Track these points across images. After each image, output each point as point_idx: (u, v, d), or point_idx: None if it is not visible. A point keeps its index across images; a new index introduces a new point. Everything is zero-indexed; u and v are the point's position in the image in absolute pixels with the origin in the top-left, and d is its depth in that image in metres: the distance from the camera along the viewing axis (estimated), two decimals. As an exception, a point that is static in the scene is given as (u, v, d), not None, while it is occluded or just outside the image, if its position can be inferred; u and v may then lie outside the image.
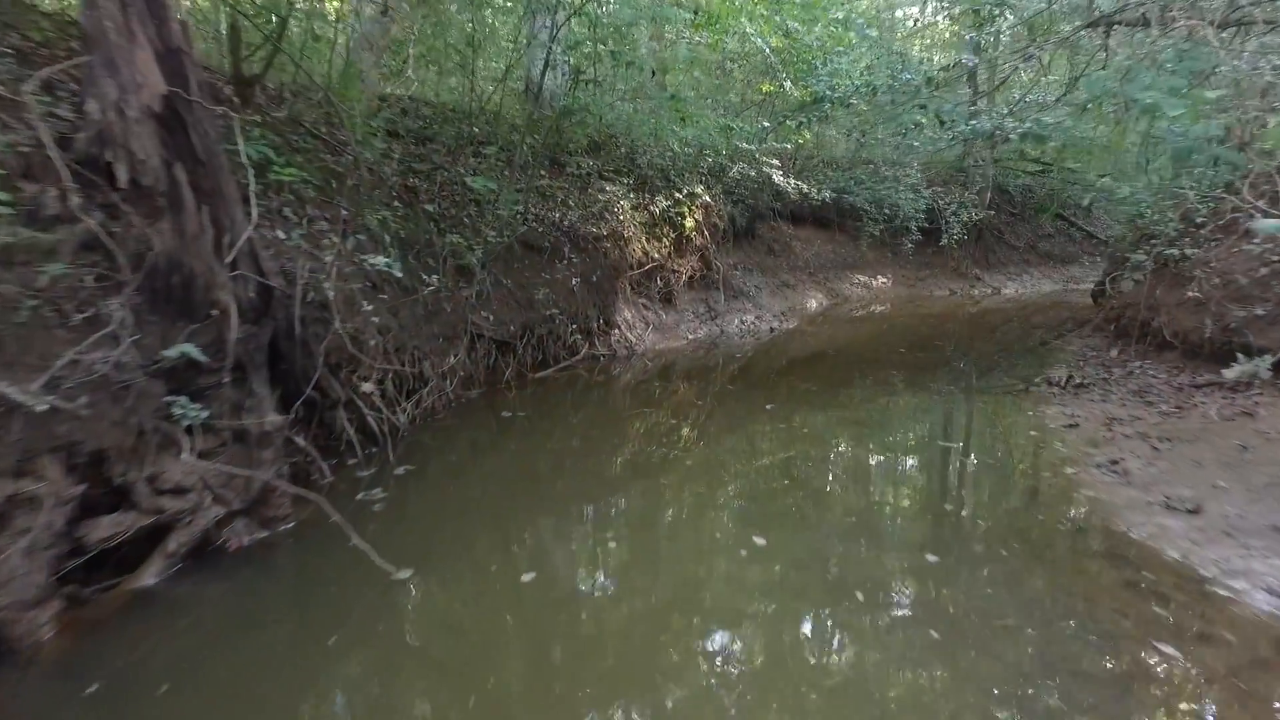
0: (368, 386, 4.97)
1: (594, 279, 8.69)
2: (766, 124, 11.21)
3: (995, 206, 17.17)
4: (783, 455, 5.98)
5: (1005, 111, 8.51)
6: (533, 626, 3.32)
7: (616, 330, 9.09)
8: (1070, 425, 5.91)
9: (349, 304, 4.99)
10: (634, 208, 10.30)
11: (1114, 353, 8.87)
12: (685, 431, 6.82)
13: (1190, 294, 8.00)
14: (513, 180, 7.52)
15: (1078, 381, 7.21)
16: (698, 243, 11.06)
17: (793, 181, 12.30)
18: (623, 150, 10.74)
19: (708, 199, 11.54)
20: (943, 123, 8.47)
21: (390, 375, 5.39)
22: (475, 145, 8.19)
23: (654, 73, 10.21)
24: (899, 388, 8.41)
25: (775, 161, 12.36)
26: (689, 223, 10.90)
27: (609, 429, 6.78)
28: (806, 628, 3.37)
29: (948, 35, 20.32)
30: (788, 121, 10.64)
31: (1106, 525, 4.16)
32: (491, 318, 6.91)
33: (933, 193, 14.85)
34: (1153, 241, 9.10)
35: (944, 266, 17.67)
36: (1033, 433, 5.82)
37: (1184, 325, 7.92)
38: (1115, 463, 4.96)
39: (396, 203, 6.70)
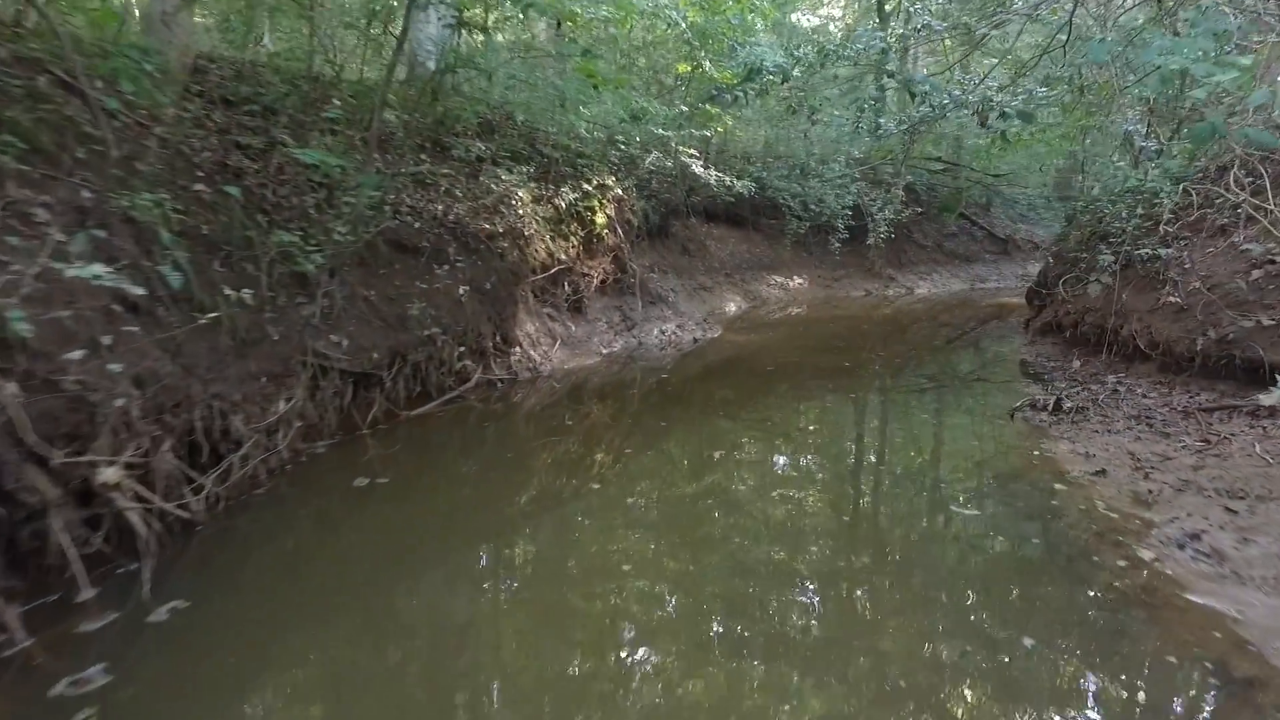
0: (110, 474, 3.00)
1: (488, 287, 6.84)
2: (685, 108, 9.62)
3: (907, 205, 16.32)
4: (709, 493, 4.40)
5: (989, 85, 7.29)
6: None
7: (517, 349, 7.26)
8: (1096, 472, 4.58)
9: (66, 339, 2.99)
10: (535, 200, 8.49)
11: (1076, 364, 7.79)
12: (598, 463, 5.18)
13: (1169, 298, 6.96)
14: (371, 160, 5.56)
15: (1069, 406, 5.95)
16: (610, 242, 9.36)
17: (714, 172, 10.75)
18: (518, 132, 8.88)
19: (620, 192, 9.86)
20: (913, 95, 7.15)
21: (164, 444, 3.40)
22: (322, 116, 6.17)
23: (559, 24, 8.41)
24: (852, 404, 7.01)
25: (693, 151, 10.78)
26: (600, 219, 9.18)
27: (509, 471, 5.04)
28: None
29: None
30: (713, 102, 9.10)
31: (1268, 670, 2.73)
32: (345, 343, 4.96)
33: (858, 188, 13.70)
34: (1110, 240, 8.10)
35: (859, 266, 16.70)
36: (1058, 485, 4.43)
37: (1164, 334, 6.86)
38: (1195, 537, 3.61)
39: (201, 185, 4.64)
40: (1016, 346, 9.73)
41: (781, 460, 5.55)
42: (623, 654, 2.93)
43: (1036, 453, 5.06)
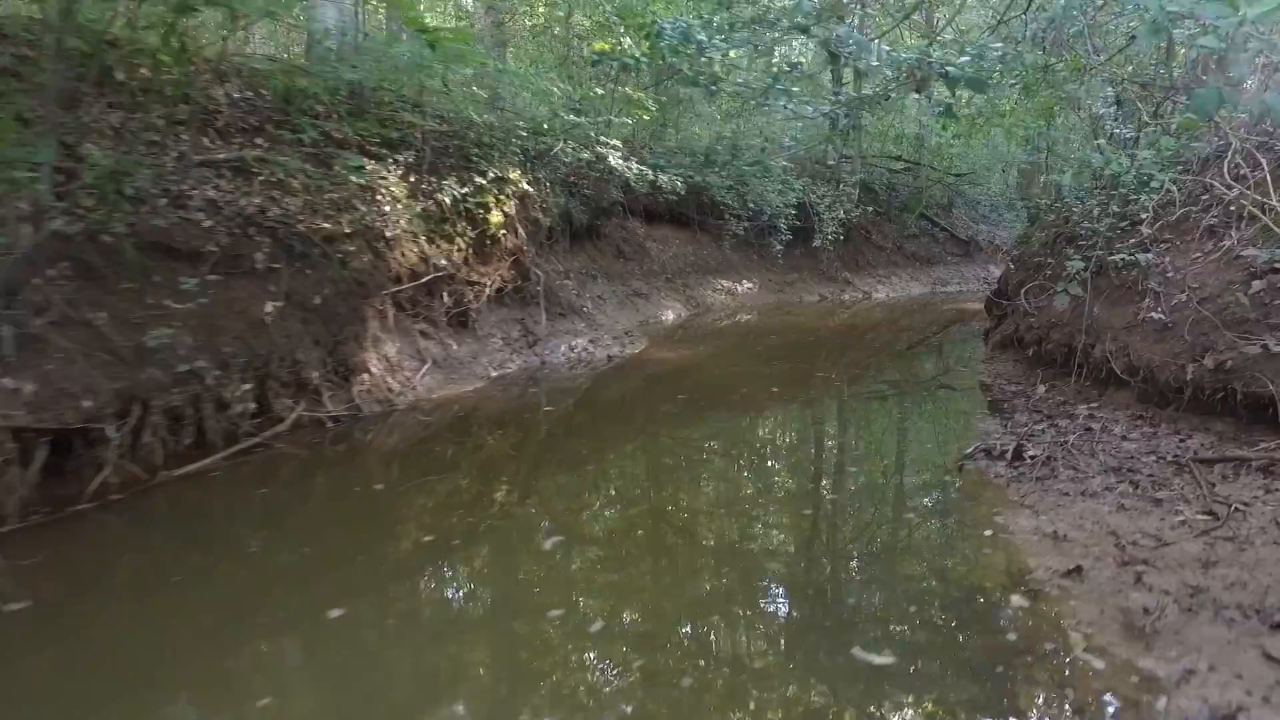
0: None
1: (317, 301, 5.33)
2: (600, 90, 8.15)
3: (862, 205, 14.97)
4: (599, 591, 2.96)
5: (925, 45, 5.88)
6: None
7: (365, 376, 5.75)
8: (1069, 572, 3.17)
9: None
10: (411, 195, 6.98)
11: (1041, 390, 6.42)
12: (425, 544, 3.67)
13: (1151, 313, 5.61)
14: (53, 129, 3.99)
15: (1031, 453, 4.56)
16: (509, 244, 7.86)
17: (634, 165, 9.28)
18: (395, 115, 7.35)
19: (527, 187, 8.37)
20: (834, 57, 5.73)
21: None
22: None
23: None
24: (757, 466, 5.60)
25: (615, 142, 9.30)
26: (496, 217, 7.69)
27: (309, 544, 3.57)
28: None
29: None
30: (633, 86, 7.64)
31: None
32: (31, 389, 3.43)
33: (804, 185, 12.28)
34: (1080, 242, 6.75)
35: (813, 270, 15.34)
36: (1016, 600, 3.01)
37: (1145, 357, 5.50)
38: None
39: None
40: (974, 360, 8.37)
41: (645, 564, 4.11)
42: None
43: (989, 532, 3.64)
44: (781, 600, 3.40)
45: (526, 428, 5.76)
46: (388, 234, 6.31)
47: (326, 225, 5.71)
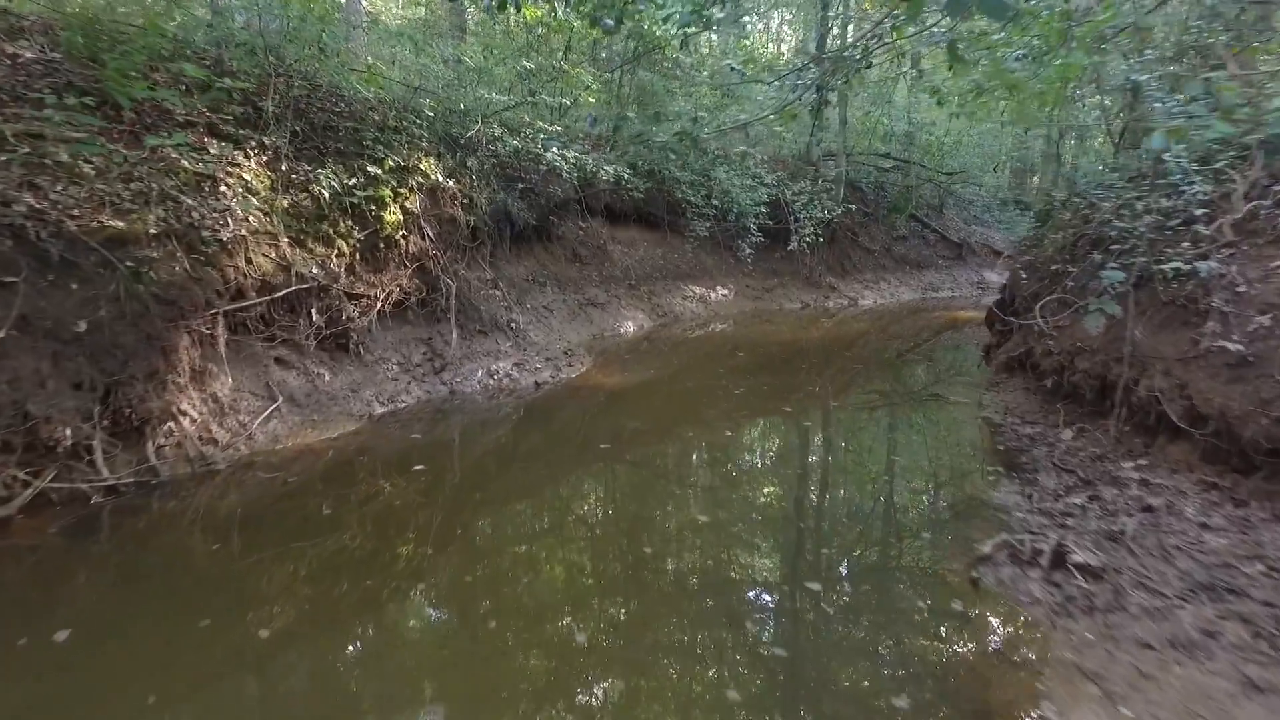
0: None
1: (83, 328, 3.75)
2: (529, 64, 6.58)
3: (847, 205, 13.41)
4: None
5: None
6: None
7: (173, 426, 4.18)
8: None
9: None
10: (272, 186, 5.41)
11: (1068, 434, 4.88)
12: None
13: (1221, 342, 4.07)
14: None
15: (1077, 558, 3.02)
16: (411, 248, 6.29)
17: (571, 154, 7.70)
18: (258, 88, 5.77)
19: (441, 179, 6.79)
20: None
21: None
22: None
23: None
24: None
25: (552, 128, 7.72)
26: (392, 215, 6.11)
27: None
28: None
29: None
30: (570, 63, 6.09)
31: None
32: None
33: (778, 181, 10.69)
34: (1112, 246, 5.21)
35: (794, 274, 13.78)
36: None
37: (1215, 401, 3.97)
38: None
39: None
40: (975, 389, 6.84)
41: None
42: None
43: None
44: None
45: (388, 499, 4.19)
46: (223, 235, 4.73)
47: (116, 223, 4.13)
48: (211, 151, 5.11)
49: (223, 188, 5.02)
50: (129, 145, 4.70)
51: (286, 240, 5.32)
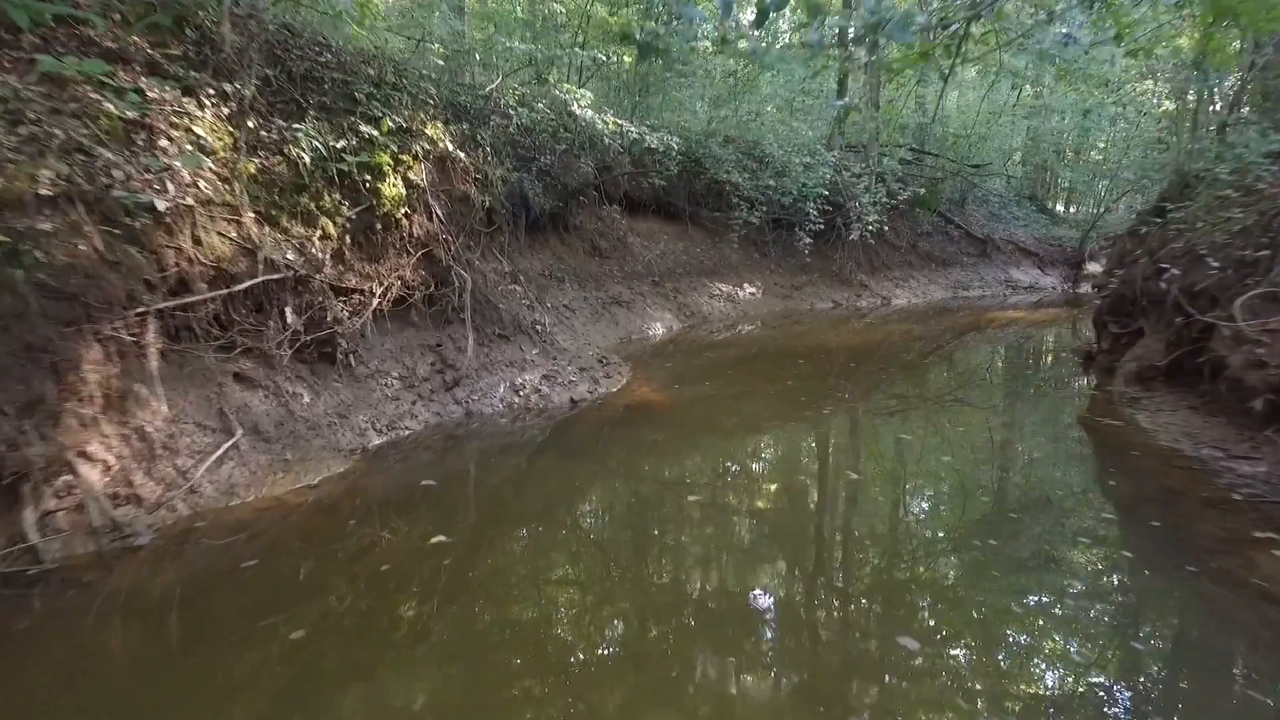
0: None
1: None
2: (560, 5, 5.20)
3: (892, 195, 12.08)
4: None
5: None
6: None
7: (70, 479, 2.74)
8: None
9: None
10: (235, 145, 3.98)
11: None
12: None
13: None
14: None
15: None
16: (417, 230, 4.87)
17: (608, 118, 6.30)
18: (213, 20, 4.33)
19: (451, 147, 5.37)
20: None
21: None
22: None
23: None
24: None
25: (583, 91, 6.32)
26: (393, 188, 4.69)
27: None
28: None
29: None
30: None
31: None
32: None
33: (838, 160, 9.30)
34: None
35: (825, 272, 12.45)
36: None
37: None
38: None
39: None
40: (1106, 406, 5.53)
41: None
42: None
43: None
44: None
45: (389, 592, 2.78)
46: (159, 204, 3.30)
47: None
48: (151, 95, 3.68)
49: (163, 141, 3.59)
50: (24, 77, 3.26)
51: (253, 215, 3.89)
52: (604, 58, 6.71)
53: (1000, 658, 2.46)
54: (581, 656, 2.38)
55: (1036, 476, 4.25)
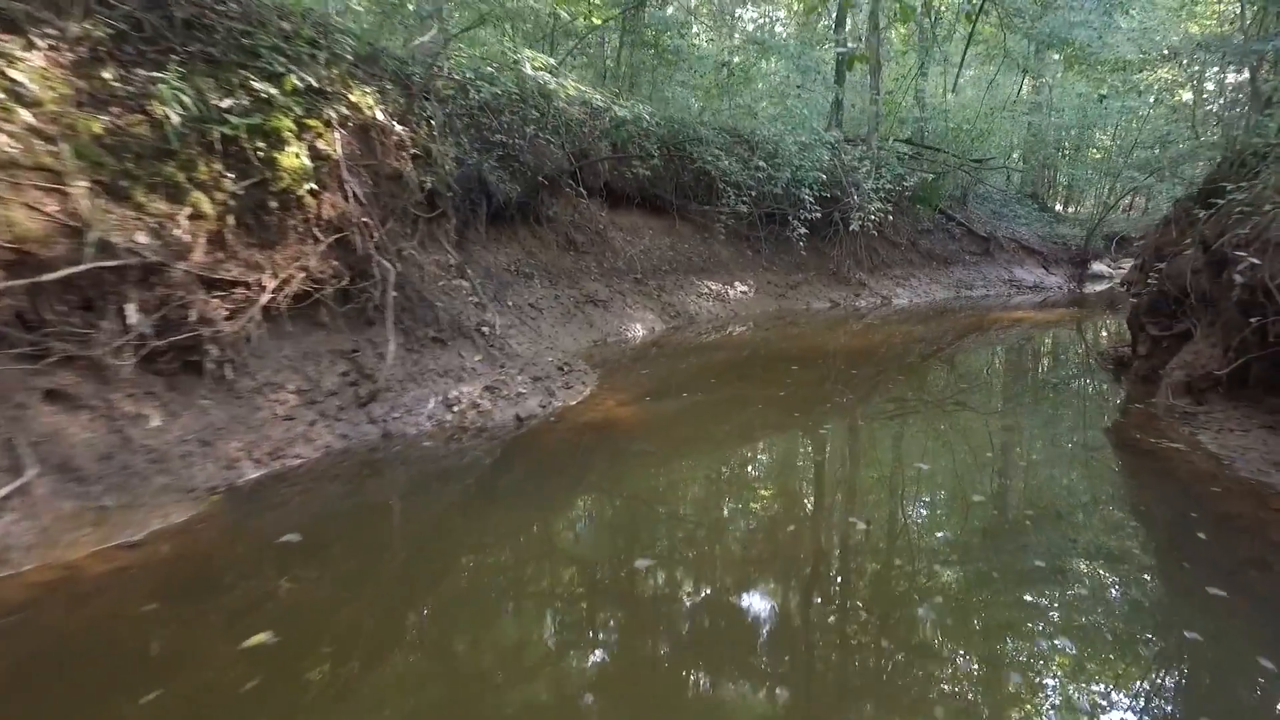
0: None
1: None
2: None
3: (893, 186, 11.16)
4: None
5: None
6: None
7: None
8: None
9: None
10: (76, 99, 3.06)
11: None
12: None
13: None
14: None
15: None
16: (328, 211, 3.95)
17: (569, 84, 5.39)
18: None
19: (382, 117, 4.46)
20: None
21: None
22: None
23: None
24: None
25: (545, 59, 5.42)
26: (293, 159, 3.78)
27: None
28: None
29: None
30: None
31: None
32: None
33: (836, 143, 8.39)
34: None
35: (821, 269, 11.55)
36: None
37: None
38: None
39: None
40: (1152, 422, 4.64)
41: None
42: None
43: None
44: None
45: None
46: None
47: None
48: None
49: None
50: None
51: (87, 186, 2.98)
52: (567, 16, 5.77)
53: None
54: None
55: (1097, 528, 3.32)
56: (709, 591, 2.60)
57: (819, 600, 2.59)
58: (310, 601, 2.35)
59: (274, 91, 3.81)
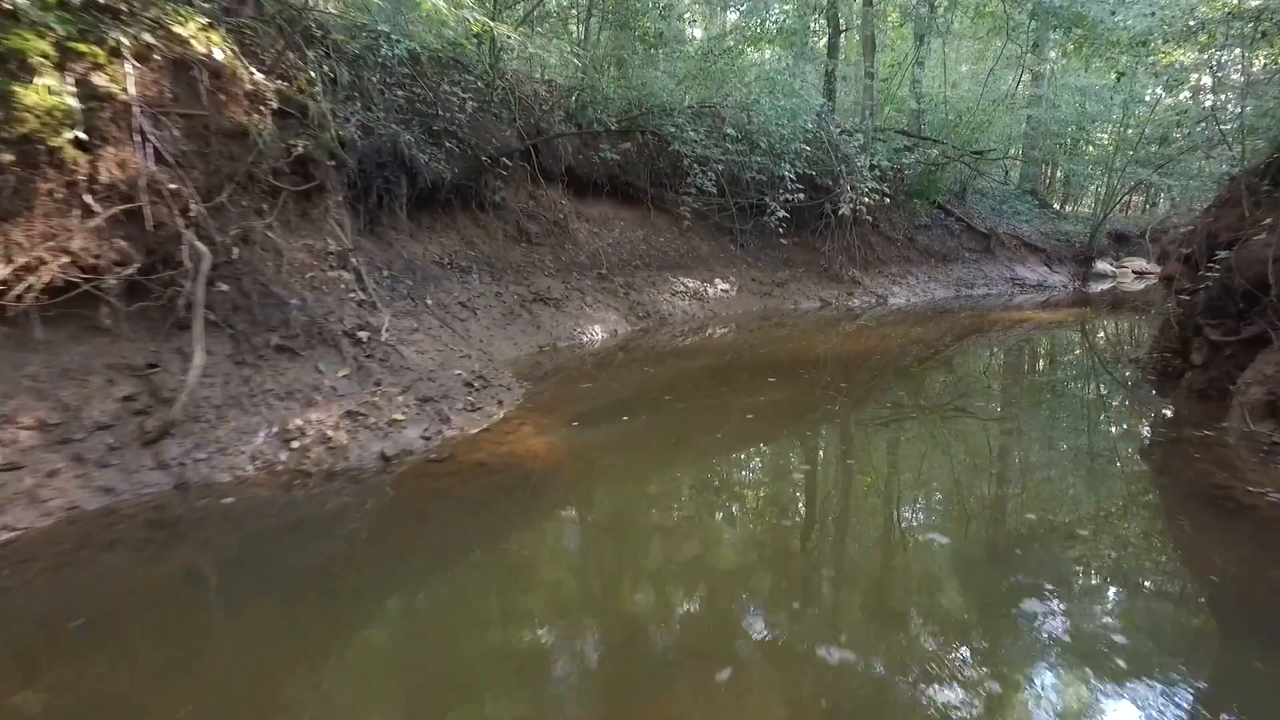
0: None
1: None
2: None
3: (883, 178, 9.94)
4: None
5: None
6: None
7: None
8: None
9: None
10: None
11: None
12: None
13: None
14: None
15: None
16: (108, 173, 2.77)
17: (476, 18, 4.20)
18: None
19: (221, 54, 3.27)
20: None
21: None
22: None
23: None
24: None
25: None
26: (43, 96, 2.59)
27: None
28: None
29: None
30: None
31: None
32: None
33: (820, 120, 7.17)
34: None
35: (811, 265, 10.36)
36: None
37: None
38: None
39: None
40: (1234, 454, 3.46)
41: None
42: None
43: None
44: None
45: None
46: None
47: None
48: None
49: None
50: None
51: None
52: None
53: None
54: None
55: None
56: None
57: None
58: None
59: (21, 1, 2.64)
